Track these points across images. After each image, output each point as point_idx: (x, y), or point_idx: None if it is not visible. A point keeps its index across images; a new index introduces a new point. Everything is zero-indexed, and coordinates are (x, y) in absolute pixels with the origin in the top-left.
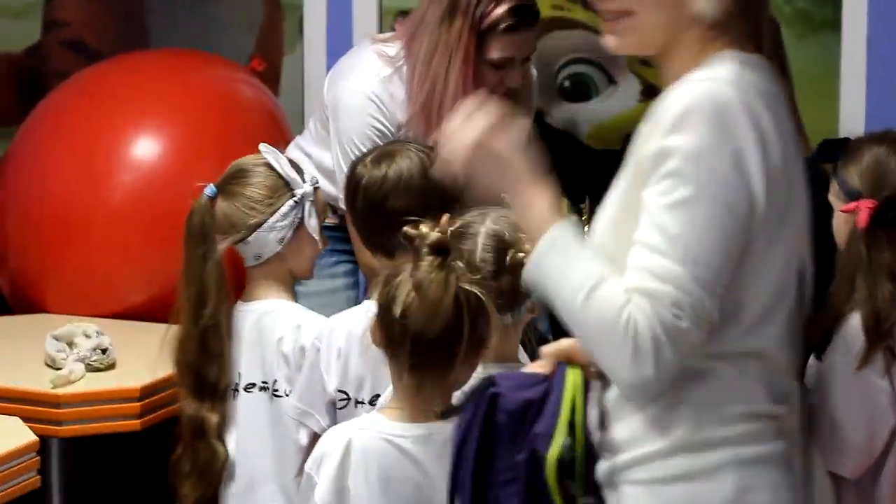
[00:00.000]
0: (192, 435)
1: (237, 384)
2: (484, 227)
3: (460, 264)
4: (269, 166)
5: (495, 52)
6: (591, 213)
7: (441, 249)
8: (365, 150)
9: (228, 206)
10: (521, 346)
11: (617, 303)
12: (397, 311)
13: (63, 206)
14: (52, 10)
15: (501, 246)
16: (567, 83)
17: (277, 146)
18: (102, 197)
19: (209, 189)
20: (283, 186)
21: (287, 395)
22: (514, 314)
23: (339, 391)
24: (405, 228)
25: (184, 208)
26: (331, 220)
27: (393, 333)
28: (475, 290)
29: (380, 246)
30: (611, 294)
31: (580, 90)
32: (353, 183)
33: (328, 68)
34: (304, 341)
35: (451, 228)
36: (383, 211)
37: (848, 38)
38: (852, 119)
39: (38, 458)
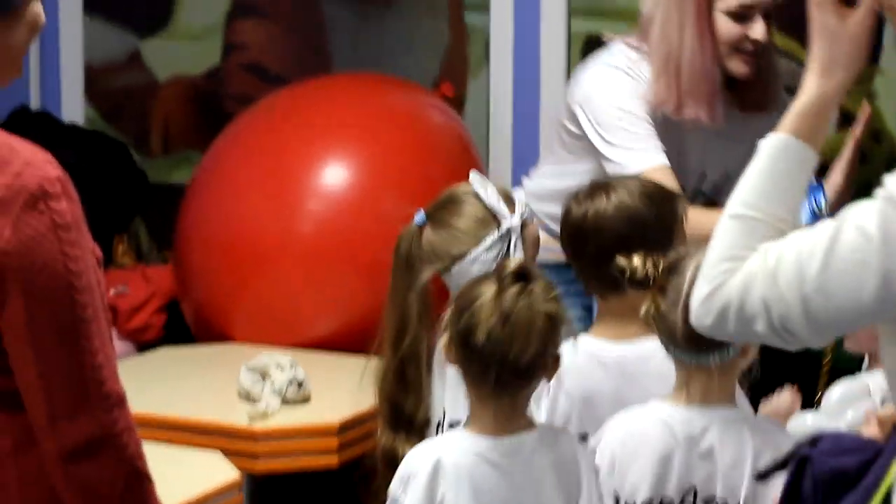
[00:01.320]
0: (386, 466)
1: (441, 420)
2: (695, 260)
3: (539, 287)
4: (479, 196)
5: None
6: None
7: (522, 275)
8: (625, 126)
9: (434, 235)
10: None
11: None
12: (481, 337)
13: (251, 234)
14: (232, 33)
15: None
16: None
17: (468, 173)
18: (292, 225)
19: (418, 216)
20: (491, 218)
21: None
22: (720, 355)
23: None
24: (617, 258)
25: (374, 237)
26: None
27: (474, 358)
28: (553, 308)
29: (605, 284)
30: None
31: None
32: (567, 223)
33: (514, 93)
34: None
35: (664, 262)
36: (600, 245)
37: None
38: None
39: (241, 495)
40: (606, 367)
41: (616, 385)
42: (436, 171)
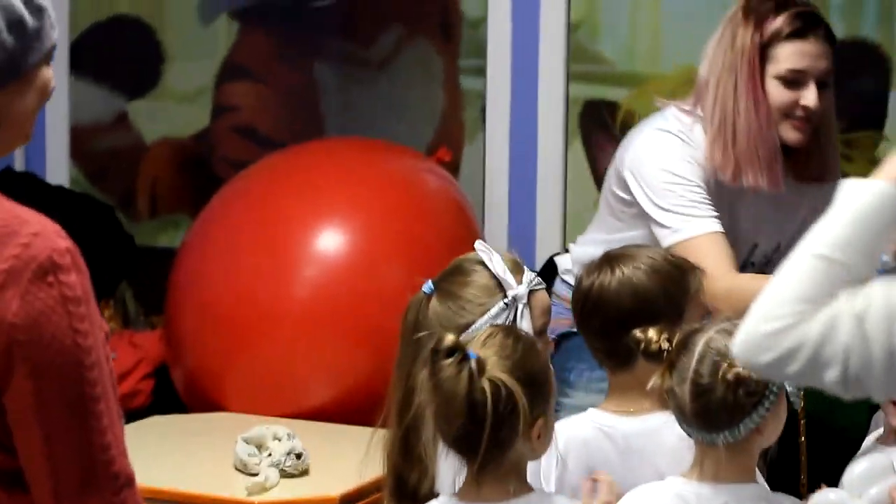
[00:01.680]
0: None
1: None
2: (705, 336)
3: (488, 360)
4: (485, 265)
5: (783, 64)
6: None
7: (453, 351)
8: (678, 191)
9: (440, 305)
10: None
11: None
12: (430, 415)
13: (246, 299)
14: (223, 95)
15: (717, 359)
16: None
17: (465, 239)
18: (287, 290)
19: (426, 286)
20: (497, 287)
21: None
22: (732, 434)
23: None
24: (634, 331)
25: (371, 303)
26: None
27: (439, 434)
28: (499, 378)
29: (612, 357)
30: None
31: None
32: (575, 294)
33: (511, 158)
34: None
35: (677, 337)
36: (605, 318)
37: None
38: None
39: None
40: (614, 442)
41: (623, 460)
42: (433, 237)
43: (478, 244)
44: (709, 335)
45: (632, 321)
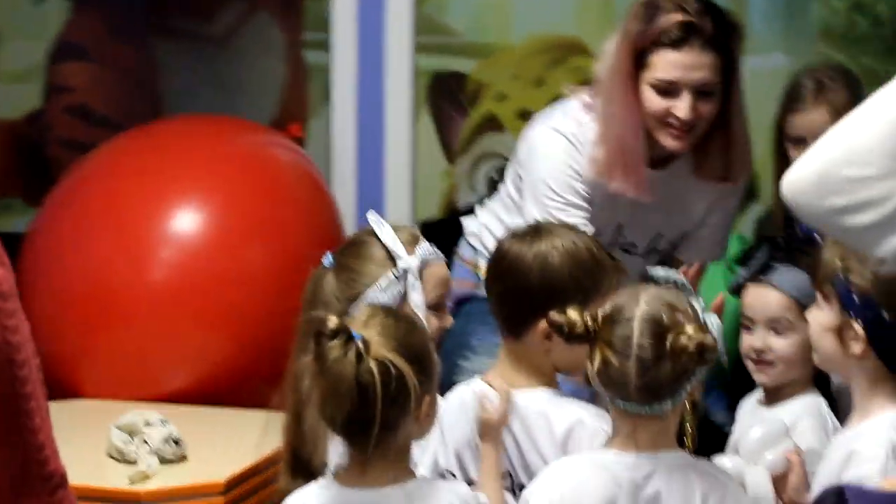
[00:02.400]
0: None
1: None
2: (639, 310)
3: (371, 340)
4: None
5: (656, 72)
6: None
7: (336, 333)
8: (561, 196)
9: (334, 278)
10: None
11: None
12: (316, 399)
13: (100, 285)
14: (56, 75)
15: (660, 330)
16: None
17: (321, 214)
18: (141, 274)
19: (326, 258)
20: (387, 258)
21: None
22: (674, 401)
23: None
24: (551, 314)
25: (229, 283)
26: None
27: (322, 416)
28: (385, 357)
29: (513, 327)
30: None
31: None
32: (499, 258)
33: (358, 132)
34: None
35: (602, 312)
36: (524, 289)
37: None
38: None
39: None
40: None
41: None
42: (290, 214)
43: (370, 215)
44: (642, 308)
45: (533, 297)
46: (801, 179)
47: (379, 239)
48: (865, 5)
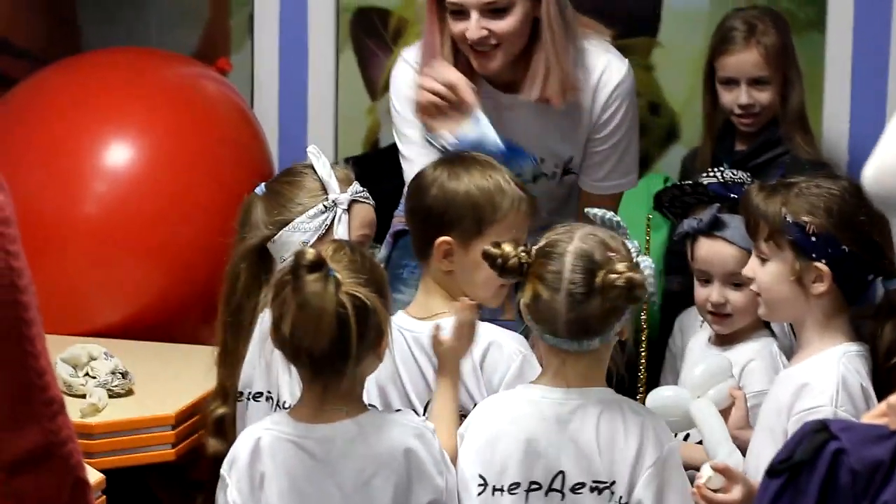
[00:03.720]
0: (211, 435)
1: (249, 392)
2: (572, 245)
3: (340, 275)
4: (314, 169)
5: None
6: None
7: (317, 265)
8: (401, 113)
9: (265, 203)
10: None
11: None
12: (287, 329)
13: (32, 219)
14: None
15: (591, 266)
16: None
17: (251, 147)
18: (74, 208)
19: (259, 187)
20: (320, 190)
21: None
22: (603, 338)
23: None
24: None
25: (162, 216)
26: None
27: (286, 349)
28: (358, 292)
29: (418, 249)
30: None
31: None
32: (412, 182)
33: (281, 67)
34: None
35: (536, 247)
36: (425, 209)
37: (833, 39)
38: (836, 119)
39: (104, 497)
40: (409, 344)
41: (418, 363)
42: (221, 146)
43: (310, 149)
44: (575, 244)
45: (430, 217)
46: (886, 169)
47: (315, 172)
48: None
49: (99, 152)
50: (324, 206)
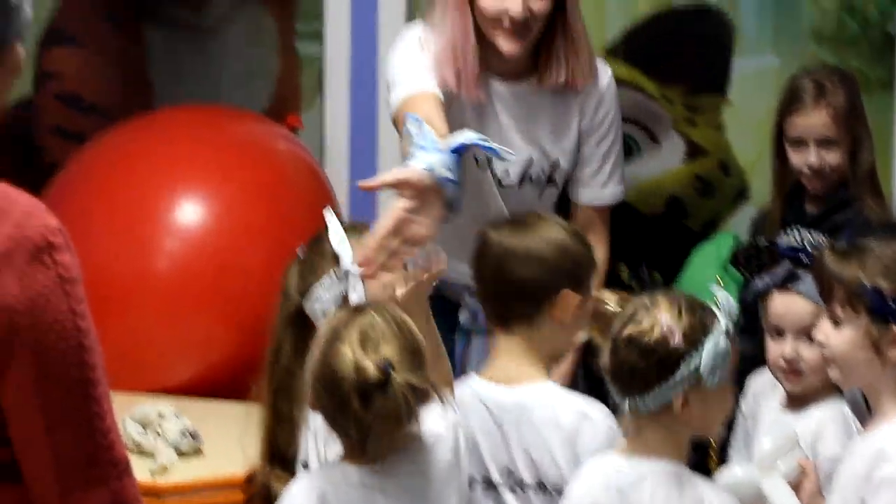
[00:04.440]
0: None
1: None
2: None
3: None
4: None
5: None
6: (651, 278)
7: (383, 384)
8: (406, 65)
9: (299, 269)
10: None
11: None
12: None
13: (102, 277)
14: (45, 62)
15: (636, 322)
16: None
17: (321, 206)
18: (146, 265)
19: (300, 250)
20: (335, 256)
21: None
22: (643, 400)
23: None
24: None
25: (232, 274)
26: None
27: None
28: (413, 381)
29: (499, 316)
30: None
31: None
32: (484, 247)
33: (351, 123)
34: None
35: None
36: (510, 279)
37: None
38: None
39: None
40: (490, 412)
41: (500, 431)
42: (292, 206)
43: (325, 212)
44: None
45: (530, 288)
46: None
47: None
48: (855, 7)
49: (169, 210)
50: (336, 275)
